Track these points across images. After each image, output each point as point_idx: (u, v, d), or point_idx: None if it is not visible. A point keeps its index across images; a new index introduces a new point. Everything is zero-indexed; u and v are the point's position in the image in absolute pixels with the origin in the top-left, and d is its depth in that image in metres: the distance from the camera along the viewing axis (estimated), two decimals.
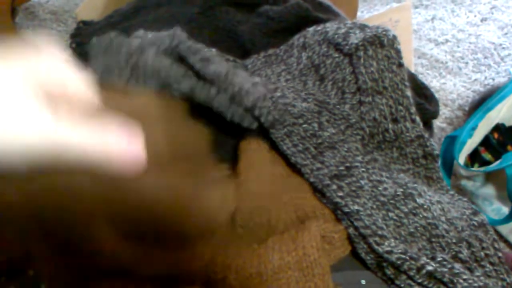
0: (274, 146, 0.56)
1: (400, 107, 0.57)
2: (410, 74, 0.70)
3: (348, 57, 0.60)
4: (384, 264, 0.49)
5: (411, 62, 1.12)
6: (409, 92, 0.57)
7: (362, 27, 0.61)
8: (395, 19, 1.14)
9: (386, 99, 0.58)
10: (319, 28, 0.63)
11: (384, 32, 0.58)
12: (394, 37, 0.58)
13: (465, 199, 0.58)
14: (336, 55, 0.61)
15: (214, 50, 0.66)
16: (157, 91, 0.54)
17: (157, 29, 0.71)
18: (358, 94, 0.59)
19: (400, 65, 0.58)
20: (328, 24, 0.64)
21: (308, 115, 0.57)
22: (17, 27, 1.27)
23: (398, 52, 0.58)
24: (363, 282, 0.49)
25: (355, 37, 0.59)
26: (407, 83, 0.57)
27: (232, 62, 0.66)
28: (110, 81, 0.56)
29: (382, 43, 0.58)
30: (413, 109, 0.57)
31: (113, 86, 0.54)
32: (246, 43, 0.72)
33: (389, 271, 0.49)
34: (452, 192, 0.59)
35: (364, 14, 1.41)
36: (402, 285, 0.48)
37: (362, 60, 0.58)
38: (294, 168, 0.55)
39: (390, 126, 0.57)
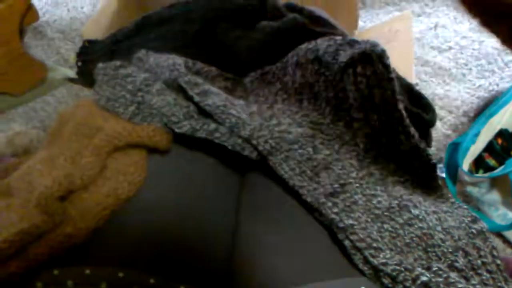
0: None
1: (393, 122, 0.58)
2: (406, 83, 0.71)
3: (339, 75, 0.60)
4: (381, 274, 0.49)
5: (412, 72, 1.13)
6: (401, 105, 0.58)
7: (352, 43, 0.61)
8: (394, 29, 1.15)
9: (378, 115, 0.58)
10: (310, 46, 0.64)
11: (372, 48, 0.58)
12: (383, 51, 0.59)
13: (465, 206, 0.58)
14: (328, 73, 0.62)
15: (213, 68, 0.68)
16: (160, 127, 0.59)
17: (159, 46, 0.73)
18: (351, 111, 0.60)
19: (390, 79, 0.58)
20: (319, 41, 0.64)
21: (303, 140, 0.59)
22: (26, 47, 1.29)
23: (387, 67, 0.58)
24: None
25: (344, 55, 0.60)
26: (398, 97, 0.58)
27: (231, 80, 0.68)
28: (115, 110, 0.60)
29: (370, 60, 0.59)
30: (406, 122, 0.57)
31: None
32: (245, 58, 0.73)
33: (386, 281, 0.49)
34: (452, 200, 0.59)
35: (366, 24, 1.42)
36: None
37: (351, 78, 0.59)
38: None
39: (383, 140, 0.58)
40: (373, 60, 0.58)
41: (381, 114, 0.58)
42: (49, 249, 0.47)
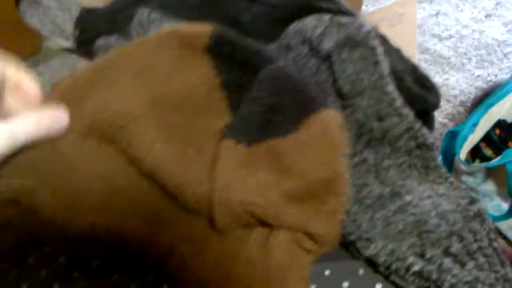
0: None
1: (383, 105, 0.56)
2: (412, 65, 0.69)
3: (326, 62, 0.59)
4: (375, 263, 0.49)
5: (415, 56, 1.12)
6: (390, 87, 0.56)
7: (339, 24, 0.59)
8: (399, 13, 1.14)
9: (367, 100, 0.57)
10: (298, 27, 0.62)
11: (357, 31, 0.57)
12: (367, 33, 0.57)
13: (464, 186, 0.56)
14: (316, 57, 0.60)
15: None
16: None
17: (160, 16, 0.72)
18: (340, 97, 0.58)
19: (376, 62, 0.56)
20: (307, 22, 0.62)
21: None
22: (21, 15, 1.27)
23: (373, 49, 0.57)
24: (361, 272, 0.50)
25: (329, 41, 0.58)
26: (387, 79, 0.56)
27: None
28: None
29: (355, 44, 0.57)
30: (397, 104, 0.56)
31: None
32: (250, 31, 0.71)
33: (382, 269, 0.49)
34: (451, 180, 0.57)
35: (368, 8, 1.41)
36: (397, 281, 0.49)
37: (337, 65, 0.57)
38: None
39: (375, 124, 0.57)
40: (358, 44, 0.57)
41: (370, 99, 0.57)
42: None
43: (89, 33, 0.81)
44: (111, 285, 0.44)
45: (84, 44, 0.81)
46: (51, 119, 0.43)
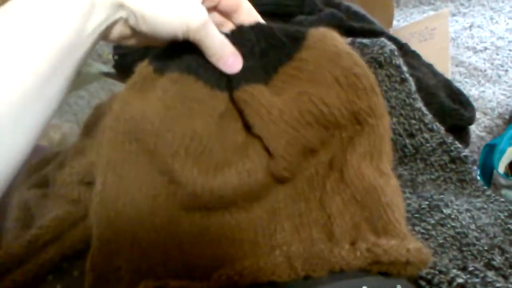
0: None
1: (413, 121, 0.57)
2: (445, 80, 0.69)
3: None
4: (417, 276, 0.49)
5: (448, 70, 1.11)
6: (419, 103, 0.57)
7: (362, 46, 0.60)
8: (431, 27, 1.13)
9: (397, 117, 0.57)
10: None
11: (380, 51, 0.57)
12: (392, 52, 0.57)
13: (502, 199, 0.56)
14: None
15: None
16: None
17: None
18: None
19: (403, 80, 0.57)
20: None
21: None
22: None
23: (398, 68, 0.57)
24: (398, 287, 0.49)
25: None
26: (415, 96, 0.56)
27: None
28: None
29: (380, 64, 0.58)
30: (427, 119, 0.56)
31: None
32: None
33: (423, 283, 0.49)
34: (488, 193, 0.57)
35: (400, 23, 1.41)
36: None
37: None
38: None
39: (407, 141, 0.57)
40: (382, 63, 0.57)
41: (399, 117, 0.57)
42: (85, 236, 0.47)
43: (128, 58, 0.83)
44: None
45: (124, 68, 0.84)
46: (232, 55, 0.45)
